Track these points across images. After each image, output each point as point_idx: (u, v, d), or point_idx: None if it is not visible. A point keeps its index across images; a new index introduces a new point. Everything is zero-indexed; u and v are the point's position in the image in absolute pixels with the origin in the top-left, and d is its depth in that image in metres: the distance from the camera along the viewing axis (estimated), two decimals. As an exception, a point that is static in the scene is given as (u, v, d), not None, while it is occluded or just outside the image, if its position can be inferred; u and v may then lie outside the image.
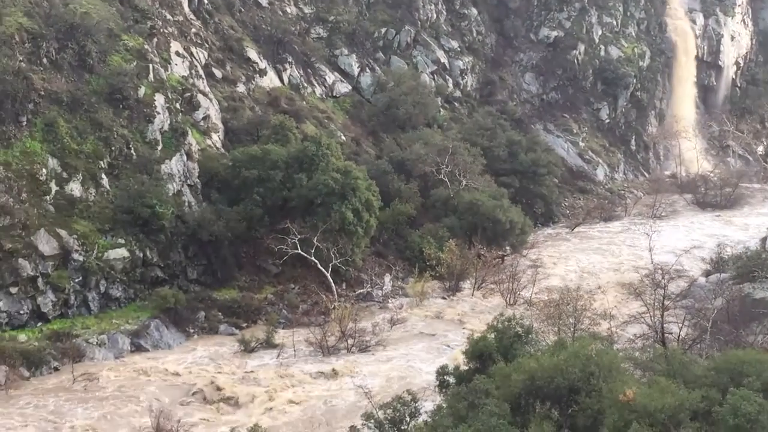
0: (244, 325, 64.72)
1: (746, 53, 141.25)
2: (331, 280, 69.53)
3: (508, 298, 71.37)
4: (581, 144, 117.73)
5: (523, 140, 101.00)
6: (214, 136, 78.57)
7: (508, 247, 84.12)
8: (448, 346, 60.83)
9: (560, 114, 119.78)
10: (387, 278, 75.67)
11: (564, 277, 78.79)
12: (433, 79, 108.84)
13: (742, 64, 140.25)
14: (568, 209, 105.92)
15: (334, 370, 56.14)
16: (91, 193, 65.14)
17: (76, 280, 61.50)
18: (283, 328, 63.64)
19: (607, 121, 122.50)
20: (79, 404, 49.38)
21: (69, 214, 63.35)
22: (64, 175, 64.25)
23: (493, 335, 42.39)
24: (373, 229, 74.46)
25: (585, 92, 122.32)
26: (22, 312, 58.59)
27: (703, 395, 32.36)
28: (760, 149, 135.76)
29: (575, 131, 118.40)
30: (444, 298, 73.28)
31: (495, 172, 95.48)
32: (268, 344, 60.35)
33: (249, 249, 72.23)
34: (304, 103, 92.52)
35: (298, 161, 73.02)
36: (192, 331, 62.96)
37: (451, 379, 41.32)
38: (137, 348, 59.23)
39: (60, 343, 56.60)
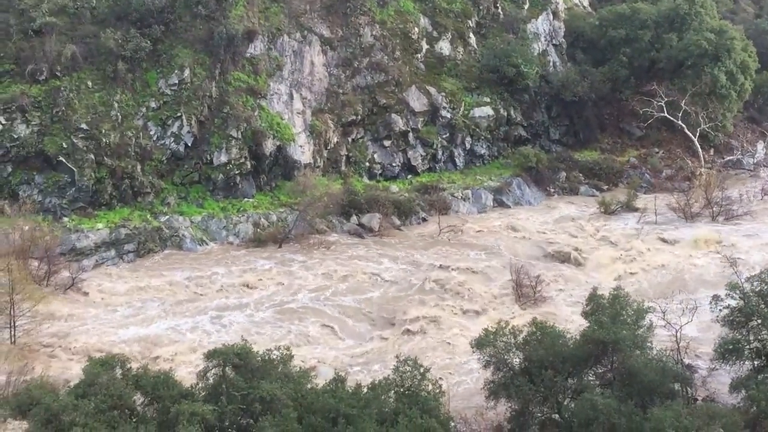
0: (605, 187, 64.45)
1: None
2: (698, 146, 66.86)
3: None
4: None
5: None
6: (582, -6, 77.08)
7: None
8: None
9: None
10: (760, 145, 71.51)
11: None
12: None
13: None
14: None
15: (696, 237, 54.48)
16: (459, 52, 66.89)
17: (444, 136, 64.12)
18: (644, 193, 62.61)
19: None
20: (446, 254, 51.94)
21: (438, 71, 65.73)
22: (434, 33, 66.39)
23: None
24: (748, 93, 70.34)
25: None
26: (394, 164, 62.39)
27: None
28: None
29: None
30: (824, 169, 68.17)
31: None
32: (629, 207, 59.74)
33: (612, 111, 71.06)
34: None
35: (668, 20, 69.93)
36: (552, 190, 63.70)
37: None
38: (499, 204, 61.03)
39: (428, 196, 59.61)
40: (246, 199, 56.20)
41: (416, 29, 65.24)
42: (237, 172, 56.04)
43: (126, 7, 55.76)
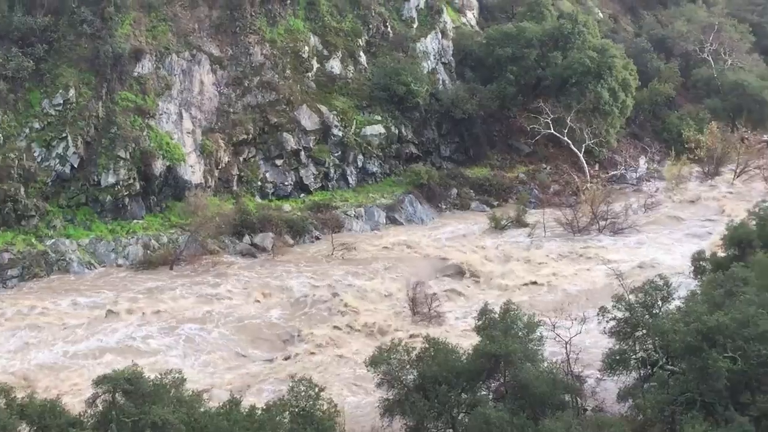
0: (495, 203, 65.45)
1: None
2: (584, 161, 68.59)
3: (772, 185, 67.75)
4: None
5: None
6: (469, 14, 78.32)
7: (775, 131, 79.39)
8: (705, 231, 58.82)
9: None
10: (642, 160, 73.71)
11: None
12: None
13: None
14: None
15: (583, 251, 55.85)
16: (349, 71, 67.18)
17: (336, 155, 64.24)
18: (533, 208, 63.78)
19: None
20: (338, 272, 51.97)
21: (329, 90, 65.87)
22: (325, 52, 66.54)
23: (754, 222, 40.71)
24: (629, 110, 72.35)
25: None
26: (286, 183, 62.22)
27: None
28: None
29: None
30: (702, 182, 70.58)
31: (764, 50, 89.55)
32: (519, 223, 60.83)
33: (501, 128, 72.30)
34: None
35: (553, 39, 71.62)
36: (444, 207, 64.40)
37: (708, 266, 40.24)
38: (392, 221, 61.38)
39: (320, 214, 59.59)
40: (135, 221, 55.22)
41: (306, 48, 65.29)
42: (126, 193, 55.09)
43: (7, 25, 54.29)
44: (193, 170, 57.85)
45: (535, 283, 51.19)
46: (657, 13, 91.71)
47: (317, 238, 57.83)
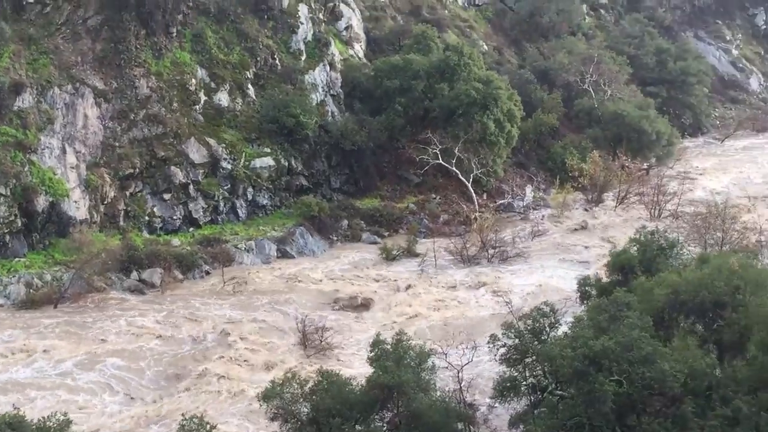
0: (386, 233, 65.74)
1: None
2: (472, 191, 69.62)
3: (652, 211, 69.95)
4: (734, 52, 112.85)
5: (672, 48, 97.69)
6: (357, 46, 78.94)
7: (653, 159, 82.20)
8: (589, 257, 60.33)
9: (712, 20, 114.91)
10: (528, 189, 75.23)
11: (712, 190, 76.57)
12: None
13: None
14: (718, 120, 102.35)
15: (474, 279, 56.59)
16: (238, 103, 66.83)
17: (225, 188, 63.63)
18: (424, 238, 64.34)
19: (764, 27, 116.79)
20: (229, 307, 51.40)
21: (217, 123, 65.32)
22: (212, 85, 66.06)
23: (635, 248, 41.95)
24: (515, 140, 73.80)
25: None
26: (175, 217, 61.22)
27: None
28: None
29: (728, 38, 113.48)
30: (586, 210, 72.44)
31: (641, 81, 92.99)
32: (410, 253, 61.25)
33: (391, 159, 72.89)
34: (446, 11, 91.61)
35: (439, 71, 72.67)
36: (335, 238, 64.38)
37: (593, 291, 41.24)
38: (283, 254, 61.00)
39: (210, 248, 58.82)
40: (17, 259, 53.51)
41: (194, 81, 64.71)
42: (6, 230, 53.37)
43: None
44: (77, 206, 56.46)
45: (426, 312, 51.57)
46: (539, 46, 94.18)
47: (207, 273, 57.03)
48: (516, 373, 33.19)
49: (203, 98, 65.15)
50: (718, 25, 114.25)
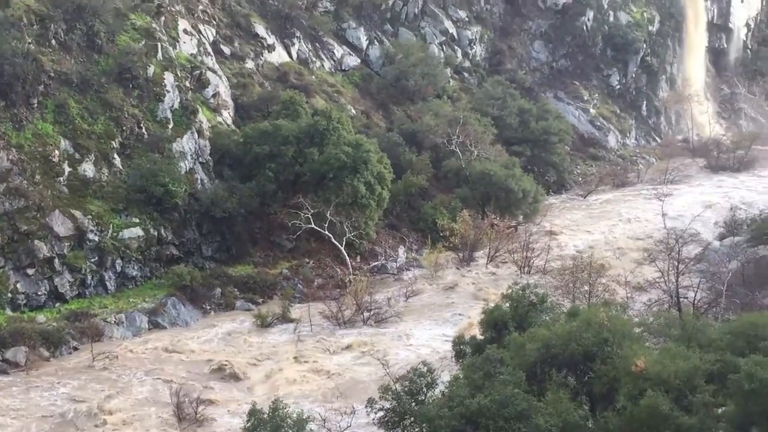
0: (260, 300, 65.08)
1: (756, 14, 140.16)
2: (346, 254, 69.77)
3: (522, 267, 71.50)
4: (592, 111, 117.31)
5: (533, 108, 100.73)
6: (225, 113, 78.68)
7: (521, 216, 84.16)
8: (463, 315, 61.05)
9: (570, 81, 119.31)
10: (401, 250, 75.86)
11: (578, 244, 78.86)
12: (442, 49, 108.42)
13: (752, 26, 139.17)
14: (581, 177, 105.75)
15: (350, 343, 56.47)
16: (104, 173, 65.45)
17: (92, 260, 61.91)
18: (298, 303, 63.98)
19: (618, 87, 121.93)
20: (99, 383, 49.82)
21: (83, 194, 63.71)
22: (77, 156, 64.56)
23: (507, 304, 42.68)
24: (386, 202, 74.52)
25: (595, 59, 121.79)
26: (39, 293, 59.05)
27: (718, 359, 32.50)
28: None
29: (586, 98, 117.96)
30: (458, 268, 73.44)
31: (506, 141, 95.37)
32: (285, 319, 60.76)
33: (263, 225, 72.47)
34: (314, 77, 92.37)
35: (309, 136, 73.03)
36: (208, 307, 63.33)
37: (468, 349, 41.67)
38: (155, 326, 59.63)
39: (78, 323, 56.99)
40: None
41: (57, 152, 63.10)
42: None
43: None
44: (-66, 285, 53.99)
45: (303, 378, 51.09)
46: (406, 109, 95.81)
47: (76, 349, 55.15)
48: (395, 436, 33.13)
49: (67, 169, 63.53)
50: (575, 86, 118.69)
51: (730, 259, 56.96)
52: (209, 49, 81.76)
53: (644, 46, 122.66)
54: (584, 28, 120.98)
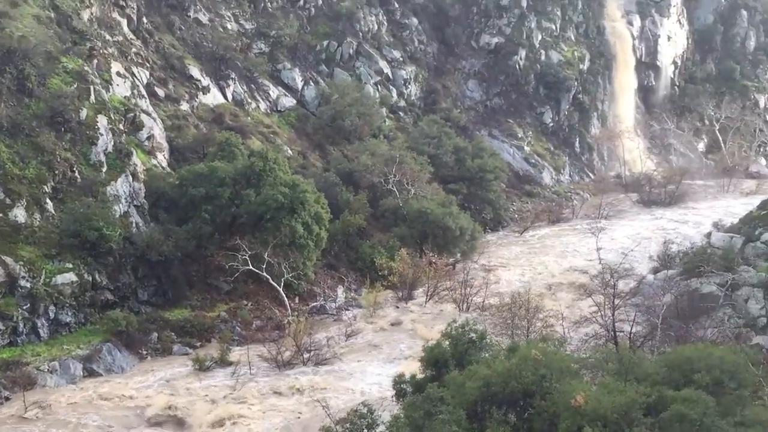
0: (198, 344, 64.25)
1: (683, 53, 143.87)
2: (284, 295, 69.39)
3: (461, 305, 71.75)
4: (526, 148, 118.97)
5: (469, 147, 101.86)
6: (160, 156, 78.05)
7: (458, 254, 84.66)
8: (403, 354, 60.96)
9: (504, 119, 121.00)
10: (340, 290, 75.69)
11: (515, 280, 79.46)
12: (377, 89, 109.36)
13: (679, 64, 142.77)
14: (517, 213, 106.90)
15: (290, 385, 55.97)
16: (36, 219, 64.32)
17: (24, 307, 60.56)
18: (237, 346, 63.28)
19: (551, 124, 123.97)
20: (32, 433, 48.68)
21: (14, 240, 62.43)
22: (8, 201, 63.38)
23: (447, 342, 42.69)
24: (324, 242, 74.35)
25: (528, 97, 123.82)
26: (-31, 342, 57.62)
27: (654, 392, 32.87)
28: (701, 146, 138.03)
29: (520, 136, 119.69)
30: (397, 307, 73.46)
31: (442, 179, 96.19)
32: (223, 362, 60.01)
33: (199, 267, 71.75)
34: (249, 118, 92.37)
35: (245, 177, 72.73)
36: (145, 353, 62.34)
37: (408, 388, 41.53)
38: (90, 373, 58.44)
39: (10, 372, 55.58)
40: None
41: (-13, 197, 61.99)
42: None
43: None
44: None
45: (242, 421, 50.43)
46: (343, 149, 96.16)
47: (7, 399, 53.72)
48: (336, 479, 32.82)
49: (-2, 215, 62.36)
50: (509, 124, 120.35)
51: (665, 293, 57.77)
52: (143, 92, 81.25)
53: (576, 84, 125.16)
54: (517, 66, 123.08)
